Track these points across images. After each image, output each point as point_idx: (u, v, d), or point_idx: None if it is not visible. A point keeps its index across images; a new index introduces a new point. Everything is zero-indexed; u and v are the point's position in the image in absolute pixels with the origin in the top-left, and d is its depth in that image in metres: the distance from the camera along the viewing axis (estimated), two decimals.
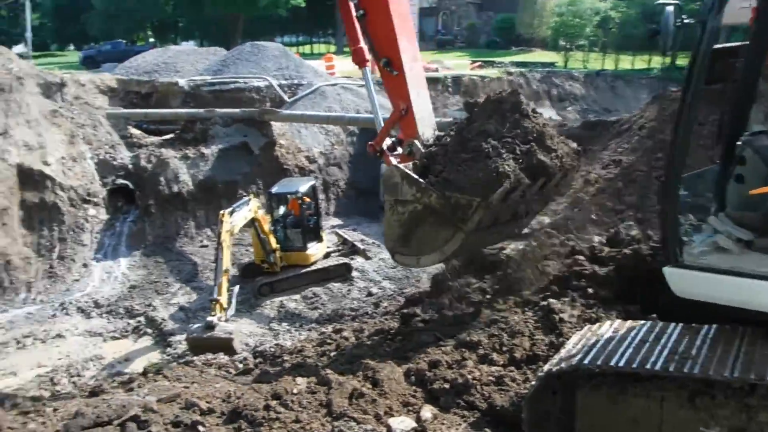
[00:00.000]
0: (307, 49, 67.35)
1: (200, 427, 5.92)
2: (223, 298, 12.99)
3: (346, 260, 17.83)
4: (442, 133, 8.96)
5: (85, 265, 17.98)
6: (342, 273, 17.21)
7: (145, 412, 6.37)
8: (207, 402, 6.84)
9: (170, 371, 10.76)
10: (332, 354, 9.50)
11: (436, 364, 6.88)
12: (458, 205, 7.53)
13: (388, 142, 9.75)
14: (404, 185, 7.91)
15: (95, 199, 19.47)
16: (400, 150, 9.59)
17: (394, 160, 9.28)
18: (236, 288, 14.34)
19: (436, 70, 36.41)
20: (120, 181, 20.30)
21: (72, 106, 21.53)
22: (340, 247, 19.15)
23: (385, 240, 8.87)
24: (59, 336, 14.40)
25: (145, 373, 10.88)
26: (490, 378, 6.44)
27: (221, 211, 14.05)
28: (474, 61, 43.29)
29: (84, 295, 16.60)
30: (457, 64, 42.98)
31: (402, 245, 8.38)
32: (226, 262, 13.26)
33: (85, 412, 6.68)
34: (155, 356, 13.30)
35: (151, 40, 65.80)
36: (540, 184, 8.10)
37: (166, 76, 26.51)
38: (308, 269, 16.80)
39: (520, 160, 7.65)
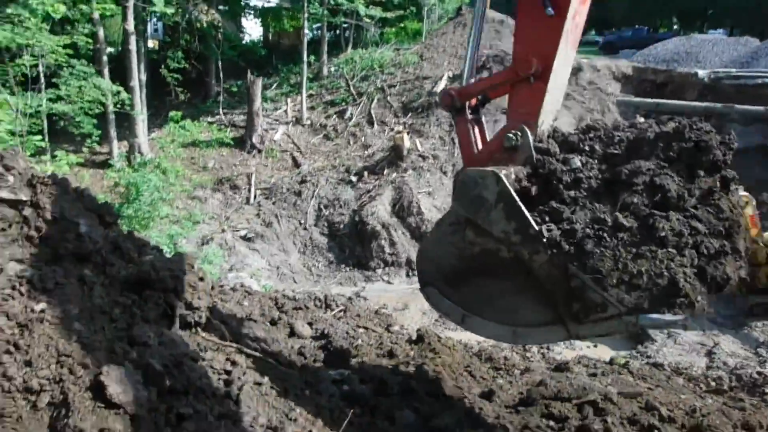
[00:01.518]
0: None
1: None
2: None
3: None
4: (564, 132, 5.21)
5: None
6: None
7: (604, 401, 6.44)
8: (669, 409, 6.66)
9: (637, 369, 10.47)
10: None
11: None
12: (582, 297, 4.47)
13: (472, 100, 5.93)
14: (497, 211, 4.79)
15: None
16: (484, 118, 5.84)
17: (476, 137, 5.64)
18: None
19: None
20: None
21: (585, 90, 22.37)
22: None
23: (422, 259, 5.67)
24: None
25: (611, 363, 10.78)
26: None
27: None
28: None
29: None
30: None
31: (446, 283, 5.38)
32: None
33: (549, 384, 6.93)
34: (625, 350, 12.98)
35: (675, 27, 63.98)
36: None
37: (686, 66, 25.41)
38: None
39: (702, 263, 4.41)
